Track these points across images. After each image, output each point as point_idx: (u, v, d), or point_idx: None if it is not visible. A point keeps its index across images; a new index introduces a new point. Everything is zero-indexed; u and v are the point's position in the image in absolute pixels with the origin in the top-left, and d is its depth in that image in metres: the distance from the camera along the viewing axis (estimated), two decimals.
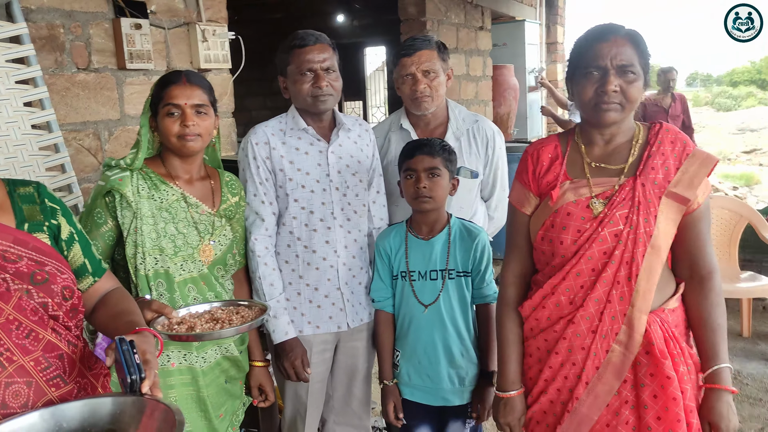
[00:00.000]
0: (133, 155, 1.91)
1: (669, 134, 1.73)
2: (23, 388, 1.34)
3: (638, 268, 1.66)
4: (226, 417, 2.04)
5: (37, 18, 2.80)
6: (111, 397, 1.30)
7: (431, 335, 2.19)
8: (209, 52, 3.53)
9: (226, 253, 2.04)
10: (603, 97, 1.65)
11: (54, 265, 1.44)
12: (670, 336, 1.69)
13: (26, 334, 1.37)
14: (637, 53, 1.66)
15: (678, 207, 1.68)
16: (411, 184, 2.16)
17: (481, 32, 7.04)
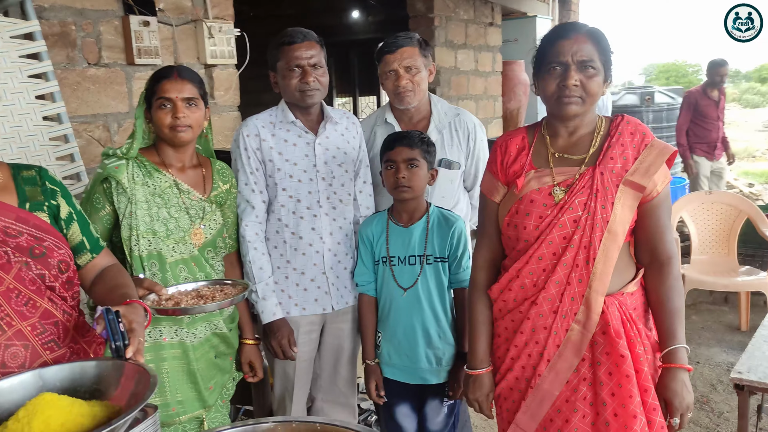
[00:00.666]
0: (129, 145, 2.06)
1: (629, 126, 1.84)
2: (21, 351, 1.50)
3: (595, 252, 1.77)
4: (216, 389, 2.19)
5: (50, 16, 2.96)
6: (95, 361, 1.45)
7: (410, 317, 2.32)
8: (215, 48, 3.68)
9: (216, 236, 2.18)
10: (564, 90, 1.76)
11: (52, 241, 1.60)
12: (628, 318, 1.80)
13: (25, 302, 1.53)
14: (597, 50, 1.78)
15: (634, 194, 1.79)
16: (391, 175, 2.29)
17: (490, 28, 7.12)
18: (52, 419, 1.23)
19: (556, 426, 1.83)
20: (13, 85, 2.63)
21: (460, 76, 6.56)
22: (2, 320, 1.49)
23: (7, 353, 1.49)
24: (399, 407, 2.42)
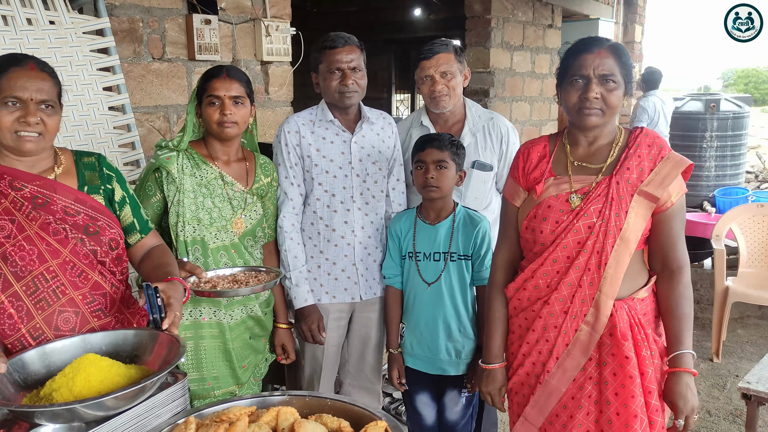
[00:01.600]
0: (180, 138, 2.25)
1: (647, 138, 1.93)
2: (72, 316, 1.72)
3: (607, 258, 1.86)
4: (249, 368, 2.37)
5: (119, 13, 3.20)
6: (135, 330, 1.65)
7: (432, 311, 2.45)
8: (272, 46, 3.88)
9: (256, 226, 2.36)
10: (585, 102, 1.86)
11: (105, 221, 1.82)
12: (636, 322, 1.89)
13: (78, 273, 1.74)
14: (618, 64, 1.87)
15: (648, 204, 1.87)
16: (420, 174, 2.42)
17: (550, 30, 7.13)
18: (93, 376, 1.42)
19: (562, 421, 1.94)
20: (83, 77, 2.88)
21: (515, 78, 6.61)
22: (58, 289, 1.71)
23: (60, 318, 1.70)
24: (419, 396, 2.56)
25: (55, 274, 1.71)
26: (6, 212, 1.69)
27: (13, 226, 1.69)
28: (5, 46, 2.64)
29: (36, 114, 1.68)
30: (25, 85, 1.67)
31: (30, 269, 1.69)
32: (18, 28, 2.69)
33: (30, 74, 1.69)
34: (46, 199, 1.74)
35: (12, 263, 1.67)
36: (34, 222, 1.71)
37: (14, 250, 1.68)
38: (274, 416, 1.44)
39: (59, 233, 1.73)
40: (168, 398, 1.50)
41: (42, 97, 1.69)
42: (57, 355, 1.53)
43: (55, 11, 2.83)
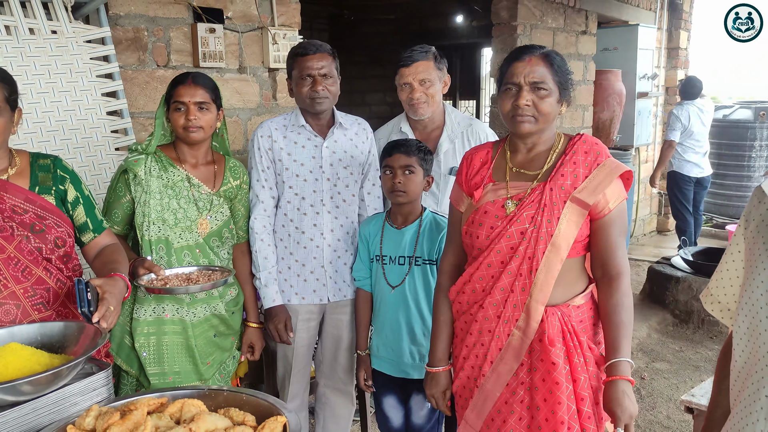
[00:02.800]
0: (148, 142, 2.35)
1: (585, 145, 1.91)
2: (13, 309, 1.82)
3: (538, 263, 1.86)
4: (213, 365, 2.44)
5: (124, 23, 3.34)
6: (63, 322, 1.73)
7: (396, 314, 2.47)
8: (279, 53, 3.96)
9: (222, 227, 2.43)
10: (517, 110, 1.88)
11: (53, 220, 1.92)
12: (569, 329, 1.87)
13: (22, 269, 1.85)
14: (550, 71, 1.87)
15: (580, 211, 1.86)
16: (388, 179, 2.45)
17: (583, 36, 7.02)
18: (11, 364, 1.51)
19: (496, 425, 1.94)
20: (83, 83, 3.02)
21: None
22: (0, 282, 1.80)
23: (1, 310, 1.81)
24: (386, 398, 2.58)
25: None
26: None
27: None
28: (7, 54, 2.80)
29: None
30: None
31: None
32: (20, 38, 2.85)
33: None
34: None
35: None
36: None
37: None
38: (179, 408, 1.49)
39: (5, 230, 1.84)
40: (87, 387, 1.57)
41: None
42: None
43: (58, 21, 2.98)
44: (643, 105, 8.03)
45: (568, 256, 1.88)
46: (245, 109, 3.89)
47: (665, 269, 5.61)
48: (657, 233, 8.88)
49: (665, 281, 5.50)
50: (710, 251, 5.80)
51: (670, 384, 4.26)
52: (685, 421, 3.70)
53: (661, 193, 8.61)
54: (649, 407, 3.95)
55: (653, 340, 5.04)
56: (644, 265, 6.47)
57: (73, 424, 1.39)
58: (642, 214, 8.47)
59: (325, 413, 2.84)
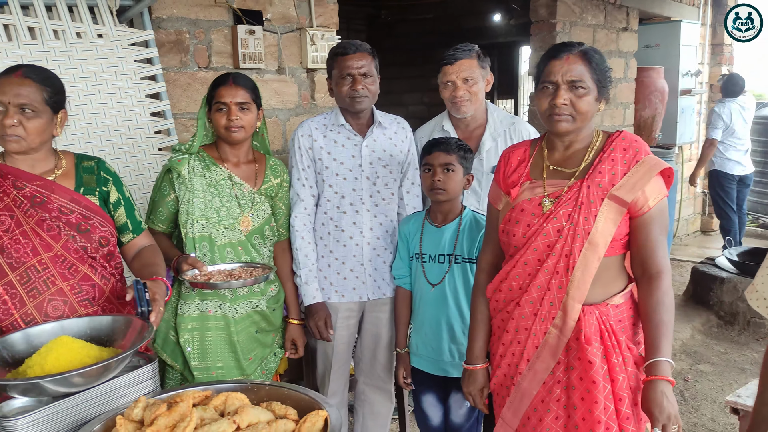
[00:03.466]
0: (191, 142, 2.40)
1: (624, 142, 1.89)
2: (60, 305, 1.90)
3: (575, 261, 1.84)
4: (255, 361, 2.48)
5: (167, 25, 3.41)
6: (111, 316, 1.78)
7: (436, 312, 2.47)
8: (317, 54, 3.99)
9: (264, 225, 2.47)
10: (555, 109, 1.86)
11: (97, 220, 1.98)
12: (607, 328, 1.85)
13: (68, 266, 1.92)
14: (588, 69, 1.85)
15: (618, 208, 1.83)
16: (428, 177, 2.45)
17: (624, 33, 6.92)
18: (63, 356, 1.56)
19: (532, 424, 1.93)
20: (127, 85, 3.09)
21: None
22: (48, 279, 1.89)
23: (50, 306, 1.89)
24: (425, 396, 2.58)
25: (46, 266, 1.90)
26: (7, 209, 1.89)
27: (12, 222, 1.89)
28: (55, 58, 2.88)
29: (13, 117, 1.83)
30: (4, 90, 1.84)
31: (24, 261, 1.88)
32: (68, 41, 2.93)
33: (12, 81, 1.85)
34: (44, 198, 1.92)
35: (8, 255, 1.87)
36: (30, 218, 1.90)
37: (11, 243, 1.87)
38: (223, 401, 1.52)
39: (53, 230, 1.91)
40: (134, 379, 1.62)
41: (19, 101, 1.84)
42: (36, 339, 1.69)
43: (103, 25, 3.05)
44: (686, 102, 7.88)
45: (607, 255, 1.86)
46: (284, 110, 3.93)
47: (709, 270, 5.50)
48: (701, 233, 8.70)
49: (709, 282, 5.39)
50: (756, 251, 5.66)
51: (714, 386, 4.17)
52: (730, 424, 3.63)
53: (704, 192, 8.44)
54: (692, 410, 3.87)
55: (697, 341, 4.94)
56: (687, 266, 6.35)
57: (122, 414, 1.43)
58: (685, 213, 8.31)
59: (364, 411, 2.86)
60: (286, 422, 1.46)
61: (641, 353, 1.89)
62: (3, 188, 1.90)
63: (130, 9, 3.12)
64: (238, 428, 1.40)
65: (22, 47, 2.80)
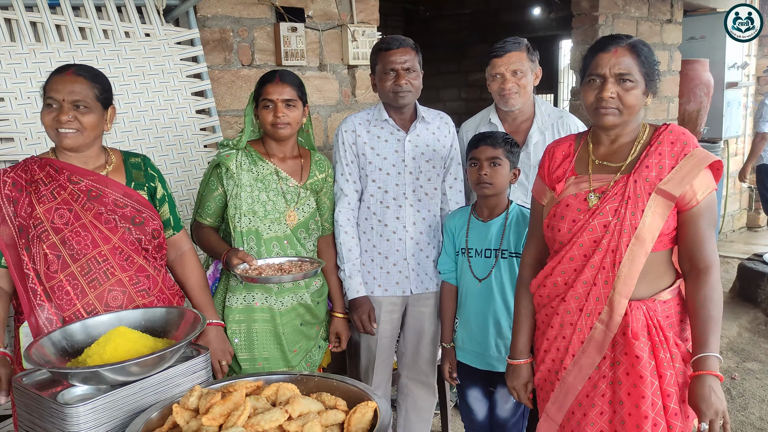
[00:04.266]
0: (239, 137, 2.44)
1: (671, 135, 1.86)
2: (120, 295, 1.96)
3: (621, 256, 1.82)
4: (300, 353, 2.51)
5: (212, 24, 3.47)
6: (165, 308, 1.83)
7: (483, 307, 2.47)
8: (358, 50, 4.01)
9: (309, 219, 2.49)
10: (601, 102, 1.84)
11: (148, 214, 2.05)
12: (654, 324, 1.83)
13: (125, 258, 1.99)
14: (636, 62, 1.83)
15: (666, 203, 1.81)
16: (474, 171, 2.45)
17: (668, 25, 6.79)
18: (121, 346, 1.61)
19: (576, 419, 1.91)
20: (174, 83, 3.15)
21: None
22: (108, 270, 1.96)
23: (110, 296, 1.95)
24: (470, 390, 2.59)
25: (105, 258, 1.96)
26: (65, 202, 1.96)
27: (71, 215, 1.96)
28: (105, 57, 2.95)
29: (68, 112, 1.91)
30: (58, 88, 1.92)
31: (85, 252, 1.94)
32: (117, 41, 3.00)
33: (65, 79, 1.93)
34: (99, 192, 1.99)
35: (69, 247, 1.93)
36: (88, 212, 1.97)
37: (71, 235, 1.94)
38: (275, 391, 1.55)
39: (110, 222, 1.98)
40: (188, 369, 1.66)
41: (73, 98, 1.92)
42: (94, 329, 1.74)
43: (151, 24, 3.12)
44: (732, 95, 7.70)
45: (654, 249, 1.84)
46: (325, 106, 3.96)
47: (757, 266, 5.39)
48: (747, 229, 8.51)
49: (757, 278, 5.28)
50: None
51: (762, 384, 4.08)
52: None
53: (750, 188, 8.24)
54: (740, 408, 3.80)
55: (744, 339, 4.84)
56: (734, 263, 6.22)
57: (178, 403, 1.47)
58: (731, 209, 8.13)
59: (407, 405, 2.87)
60: (336, 413, 1.48)
61: (689, 350, 1.86)
62: (59, 183, 1.97)
63: (176, 8, 3.18)
64: (290, 418, 1.43)
65: (74, 47, 2.87)
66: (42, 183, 1.96)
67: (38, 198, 1.95)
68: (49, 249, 1.92)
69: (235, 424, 1.36)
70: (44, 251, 1.92)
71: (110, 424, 1.50)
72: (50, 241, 1.92)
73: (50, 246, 1.92)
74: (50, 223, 1.93)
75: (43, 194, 1.95)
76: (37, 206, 1.94)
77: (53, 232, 1.93)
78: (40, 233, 1.92)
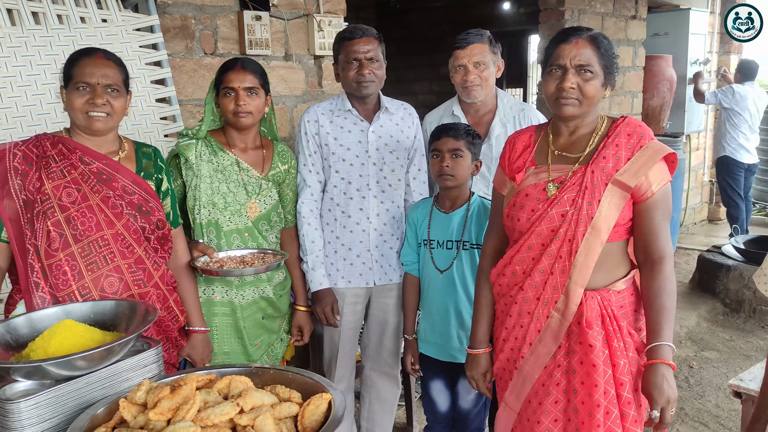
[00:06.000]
0: (198, 127, 2.38)
1: (628, 127, 1.88)
2: (116, 281, 1.96)
3: (578, 246, 1.84)
4: (262, 347, 2.47)
5: (172, 11, 3.39)
6: (114, 301, 1.77)
7: (444, 298, 2.46)
8: (324, 41, 3.96)
9: (271, 211, 2.45)
10: (561, 92, 1.85)
11: (155, 204, 2.05)
12: (608, 313, 1.85)
13: (126, 246, 1.98)
14: (596, 54, 1.84)
15: (621, 194, 1.83)
16: (436, 163, 2.43)
17: (633, 21, 6.85)
18: (66, 340, 1.55)
19: (533, 407, 1.93)
20: (132, 70, 3.02)
21: None
22: (108, 255, 1.95)
23: (106, 281, 1.95)
24: (433, 382, 2.58)
25: (107, 242, 1.96)
26: (74, 182, 1.95)
27: (79, 195, 1.95)
28: (59, 43, 2.87)
29: (103, 96, 1.93)
30: (92, 71, 1.93)
31: (87, 234, 1.94)
32: (72, 26, 2.91)
33: (97, 62, 1.95)
34: (110, 176, 1.99)
35: (73, 227, 1.92)
36: (96, 194, 1.96)
37: (77, 215, 1.93)
38: (227, 384, 1.51)
39: (116, 207, 1.98)
40: (138, 363, 1.61)
41: (107, 81, 1.94)
42: (41, 322, 1.67)
43: (108, 10, 3.04)
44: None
45: (610, 240, 1.86)
46: (291, 96, 3.91)
47: (716, 258, 5.48)
48: (708, 222, 8.66)
49: (716, 270, 5.37)
50: (762, 239, 5.64)
51: (719, 373, 4.16)
52: (735, 410, 3.61)
53: (711, 182, 8.39)
54: (697, 396, 3.86)
55: (702, 329, 4.93)
56: (694, 254, 6.33)
57: (125, 397, 1.42)
58: (692, 202, 8.26)
59: (371, 396, 2.85)
60: (290, 405, 1.45)
61: (642, 340, 1.89)
62: (71, 162, 1.96)
63: None
64: (242, 411, 1.39)
65: (26, 32, 2.78)
66: (53, 159, 1.95)
67: (48, 174, 1.94)
68: (53, 226, 1.91)
69: (184, 418, 1.31)
70: (48, 228, 1.90)
71: (54, 420, 1.45)
72: (55, 219, 1.91)
73: (54, 223, 1.91)
74: (57, 200, 1.92)
75: (53, 170, 1.94)
76: (46, 182, 1.93)
77: (59, 209, 1.92)
78: (46, 209, 1.91)
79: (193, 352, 2.25)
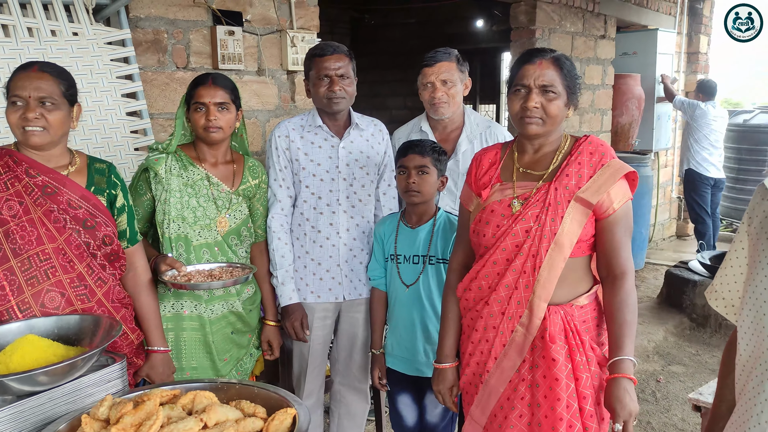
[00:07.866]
0: (169, 141, 2.39)
1: (590, 146, 1.93)
2: (57, 296, 1.91)
3: (541, 261, 1.88)
4: (231, 362, 2.47)
5: (144, 25, 3.39)
6: (78, 316, 1.78)
7: (410, 312, 2.48)
8: (297, 56, 3.99)
9: (241, 225, 2.46)
10: (526, 112, 1.90)
11: (103, 219, 2.01)
12: (571, 328, 1.89)
13: (68, 260, 1.94)
14: (559, 75, 1.90)
15: (583, 210, 1.87)
16: (403, 179, 2.46)
17: (602, 41, 6.99)
18: (29, 355, 1.55)
19: (498, 421, 1.96)
20: (103, 84, 3.07)
21: None
22: (49, 270, 1.91)
23: (47, 296, 1.90)
24: (400, 396, 2.59)
25: (48, 257, 1.91)
26: (17, 194, 1.91)
27: (21, 208, 1.91)
28: (29, 56, 2.85)
29: (35, 110, 1.87)
30: (24, 84, 1.88)
31: (27, 248, 1.89)
32: (42, 39, 2.90)
33: (30, 75, 1.90)
34: (54, 189, 1.95)
35: (12, 240, 1.88)
36: (39, 207, 1.92)
37: (17, 229, 1.89)
38: (191, 399, 1.52)
39: (59, 221, 1.94)
40: (102, 379, 1.61)
41: (39, 94, 1.88)
42: (3, 337, 1.67)
43: (79, 23, 3.03)
44: (662, 109, 7.97)
45: (573, 255, 1.90)
46: (263, 111, 3.92)
47: (682, 273, 5.57)
48: (676, 238, 8.81)
49: (682, 285, 5.46)
50: None
51: (685, 387, 4.22)
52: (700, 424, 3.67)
53: (679, 198, 8.55)
54: (664, 410, 3.92)
55: (670, 343, 5.01)
56: (662, 270, 6.43)
57: (88, 413, 1.42)
58: (661, 218, 8.40)
59: (340, 411, 2.86)
60: (255, 420, 1.46)
61: (605, 354, 1.93)
62: (15, 174, 1.92)
63: (106, 8, 3.10)
64: (206, 426, 1.40)
65: None
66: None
67: None
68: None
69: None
70: None
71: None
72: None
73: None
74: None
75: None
76: None
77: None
78: None
79: (152, 372, 2.21)
